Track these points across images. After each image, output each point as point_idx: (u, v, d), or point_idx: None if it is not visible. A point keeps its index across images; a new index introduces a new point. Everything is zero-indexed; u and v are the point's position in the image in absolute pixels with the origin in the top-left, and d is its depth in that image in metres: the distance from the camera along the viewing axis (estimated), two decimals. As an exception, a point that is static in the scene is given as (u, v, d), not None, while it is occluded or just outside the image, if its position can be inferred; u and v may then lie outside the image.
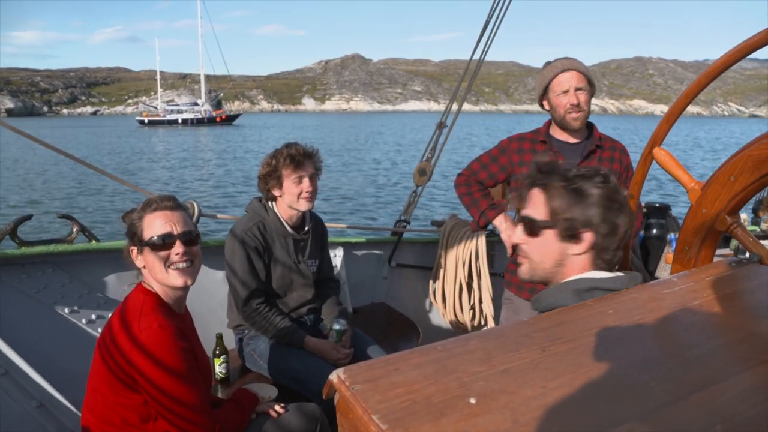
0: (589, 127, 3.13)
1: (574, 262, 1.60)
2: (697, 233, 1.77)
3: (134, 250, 2.17)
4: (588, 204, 1.56)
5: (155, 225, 2.13)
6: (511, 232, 2.98)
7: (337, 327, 3.09)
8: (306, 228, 3.28)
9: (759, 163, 1.54)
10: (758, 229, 5.61)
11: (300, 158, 3.07)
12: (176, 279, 2.15)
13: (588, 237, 1.57)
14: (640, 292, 1.37)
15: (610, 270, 1.60)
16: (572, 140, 3.08)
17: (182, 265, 2.15)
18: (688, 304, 1.28)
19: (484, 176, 3.23)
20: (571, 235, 1.57)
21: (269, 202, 3.17)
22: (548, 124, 3.16)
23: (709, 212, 1.71)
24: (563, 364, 0.99)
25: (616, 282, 1.52)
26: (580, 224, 1.56)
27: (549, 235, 1.60)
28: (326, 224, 3.53)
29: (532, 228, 1.63)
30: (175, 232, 2.15)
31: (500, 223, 3.18)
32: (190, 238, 2.19)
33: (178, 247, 2.14)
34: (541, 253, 1.63)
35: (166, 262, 2.13)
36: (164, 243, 2.12)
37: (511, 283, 3.25)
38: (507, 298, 3.31)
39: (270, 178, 3.06)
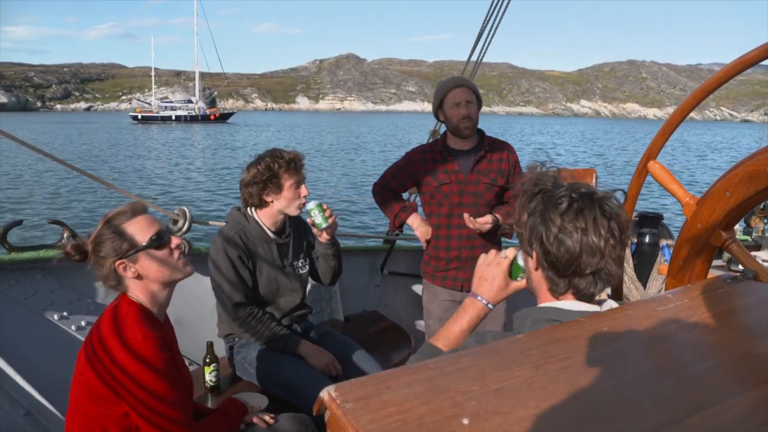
0: (480, 133, 3.59)
1: (537, 281, 1.54)
2: (692, 248, 1.77)
3: (123, 263, 2.09)
4: (536, 215, 1.47)
5: (143, 228, 2.10)
6: (423, 230, 3.63)
7: (311, 205, 3.10)
8: (287, 231, 3.26)
9: (754, 179, 1.54)
10: (750, 239, 5.63)
11: (300, 163, 3.08)
12: (185, 268, 2.18)
13: (535, 255, 1.50)
14: (635, 308, 1.36)
15: (579, 290, 1.47)
16: (466, 147, 3.53)
17: (181, 255, 2.17)
18: (683, 321, 1.27)
19: (395, 185, 3.73)
20: (524, 248, 1.54)
21: (249, 210, 3.14)
22: (444, 136, 3.63)
23: (705, 227, 1.71)
24: (557, 383, 0.98)
25: (581, 316, 1.40)
26: (527, 235, 1.49)
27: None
28: None
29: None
30: (163, 229, 2.15)
31: (412, 221, 3.68)
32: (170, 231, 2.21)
33: (174, 240, 2.16)
34: (525, 267, 1.61)
35: (169, 257, 2.13)
36: (163, 237, 2.12)
37: (426, 272, 3.75)
38: (426, 285, 3.79)
39: (269, 183, 3.01)
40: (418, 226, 3.65)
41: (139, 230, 2.09)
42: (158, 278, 2.13)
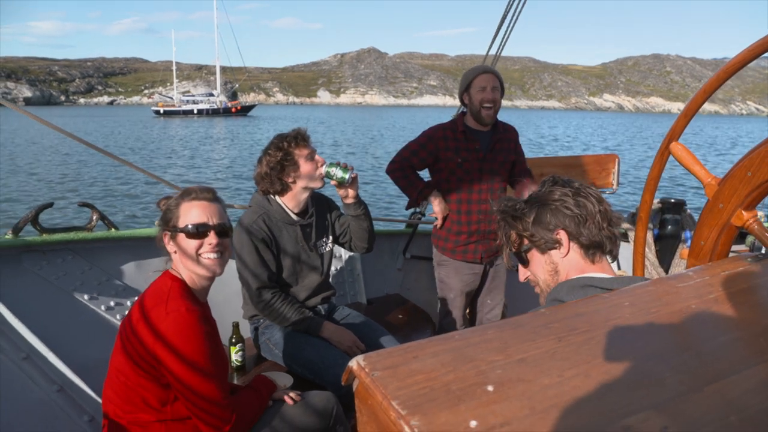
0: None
1: (568, 264, 1.71)
2: (713, 228, 1.77)
3: (167, 235, 2.23)
4: (541, 214, 1.71)
5: (191, 214, 2.21)
6: (443, 206, 3.81)
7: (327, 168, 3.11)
8: (309, 212, 3.26)
9: None
10: (775, 226, 5.57)
11: (305, 135, 3.12)
12: (206, 268, 2.22)
13: (563, 236, 1.69)
14: (656, 285, 1.37)
15: (605, 250, 1.72)
16: (484, 129, 3.79)
17: (213, 255, 2.22)
18: (703, 297, 1.28)
19: (415, 161, 3.85)
20: (545, 242, 1.72)
21: (271, 195, 3.16)
22: (462, 116, 3.84)
23: (726, 207, 1.71)
24: (579, 354, 1.00)
25: (614, 282, 1.60)
26: (545, 231, 1.71)
27: (534, 255, 1.77)
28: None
29: (521, 259, 1.82)
30: (210, 223, 2.22)
31: (434, 198, 3.83)
32: (223, 230, 2.26)
33: (211, 238, 2.22)
34: (540, 271, 1.77)
35: (198, 251, 2.20)
36: (198, 232, 2.19)
37: (446, 248, 3.92)
38: (443, 261, 3.97)
39: (286, 163, 3.04)
40: (438, 203, 3.81)
41: (187, 214, 2.21)
42: (186, 264, 2.22)
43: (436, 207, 3.83)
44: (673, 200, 4.76)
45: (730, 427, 0.87)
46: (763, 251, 1.63)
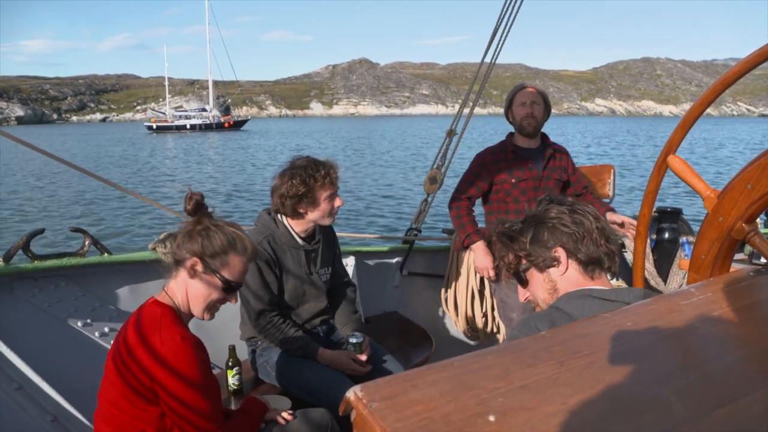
0: (543, 135, 3.92)
1: (567, 281, 1.75)
2: (713, 242, 1.76)
3: (201, 263, 2.16)
4: (538, 232, 1.77)
5: (238, 271, 2.22)
6: (489, 258, 3.77)
7: (353, 340, 3.05)
8: (316, 237, 3.25)
9: None
10: (772, 232, 5.57)
11: (335, 176, 3.06)
12: (210, 315, 2.25)
13: (561, 253, 1.74)
14: (658, 303, 1.35)
15: (604, 266, 1.76)
16: (534, 146, 3.86)
17: (219, 307, 2.27)
18: (707, 315, 1.26)
19: (473, 192, 3.89)
20: (543, 261, 1.76)
21: (278, 215, 3.13)
22: (511, 137, 3.91)
23: (726, 220, 1.70)
24: (582, 379, 0.98)
25: (611, 293, 1.64)
26: (543, 249, 1.76)
27: (533, 274, 1.81)
28: (337, 233, 3.51)
29: (520, 279, 1.86)
30: (241, 285, 2.27)
31: (476, 248, 3.86)
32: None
33: (235, 297, 2.27)
34: (540, 290, 1.81)
35: (216, 299, 2.21)
36: (233, 291, 2.23)
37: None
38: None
39: (305, 197, 2.99)
40: (481, 256, 3.82)
41: (236, 270, 2.21)
42: (193, 302, 2.19)
43: (477, 261, 3.86)
44: (669, 208, 4.76)
45: None
46: (762, 261, 1.62)
